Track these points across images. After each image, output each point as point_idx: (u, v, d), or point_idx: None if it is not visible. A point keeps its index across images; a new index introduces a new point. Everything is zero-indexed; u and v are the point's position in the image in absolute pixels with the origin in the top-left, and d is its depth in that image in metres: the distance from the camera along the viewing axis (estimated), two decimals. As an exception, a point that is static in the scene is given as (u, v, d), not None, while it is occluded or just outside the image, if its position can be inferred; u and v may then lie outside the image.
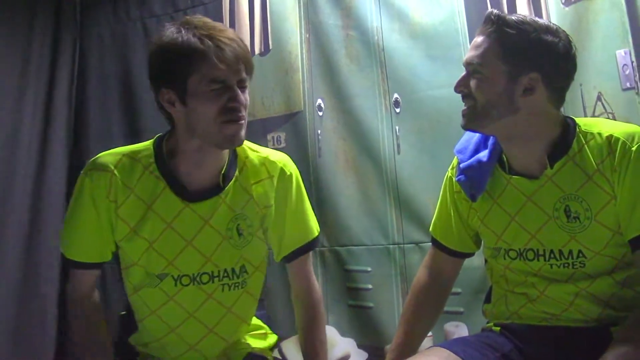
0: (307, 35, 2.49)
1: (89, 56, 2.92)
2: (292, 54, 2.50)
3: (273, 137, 2.49)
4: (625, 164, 1.23)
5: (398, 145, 2.27)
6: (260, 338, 1.56)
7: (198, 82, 1.25)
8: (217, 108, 1.27)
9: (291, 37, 2.51)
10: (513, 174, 1.35)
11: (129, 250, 1.38)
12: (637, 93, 1.92)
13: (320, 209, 2.35)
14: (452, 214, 1.50)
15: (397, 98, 2.29)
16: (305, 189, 2.38)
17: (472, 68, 1.30)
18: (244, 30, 2.62)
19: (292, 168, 1.48)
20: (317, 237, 1.53)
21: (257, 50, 2.59)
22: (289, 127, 2.47)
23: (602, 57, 1.98)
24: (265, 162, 1.44)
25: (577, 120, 1.34)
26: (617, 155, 1.24)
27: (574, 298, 1.30)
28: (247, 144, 1.43)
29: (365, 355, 2.20)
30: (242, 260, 1.42)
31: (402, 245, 2.22)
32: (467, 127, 1.34)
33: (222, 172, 1.38)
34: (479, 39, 1.30)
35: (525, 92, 1.26)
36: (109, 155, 1.38)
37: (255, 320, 1.57)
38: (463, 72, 2.12)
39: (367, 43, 2.36)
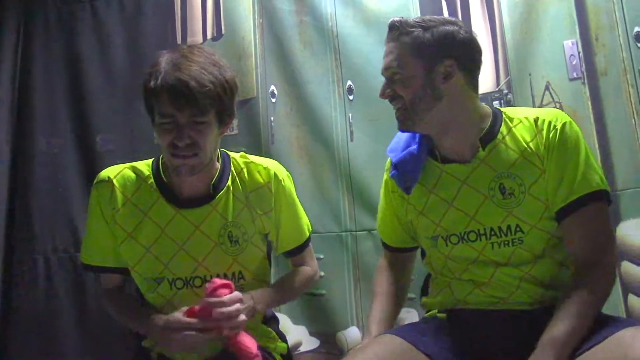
0: (261, 21, 2.47)
1: (34, 38, 2.80)
2: (245, 40, 2.48)
3: (226, 124, 2.45)
4: (552, 140, 1.33)
5: (351, 133, 2.28)
6: (268, 342, 1.57)
7: (156, 114, 1.36)
8: (166, 142, 1.36)
9: (244, 22, 2.49)
10: (445, 162, 1.42)
11: (126, 255, 1.49)
12: (583, 83, 1.98)
13: (273, 196, 2.36)
14: (392, 215, 1.56)
15: (350, 85, 2.29)
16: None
17: (391, 72, 1.39)
18: (196, 14, 2.58)
19: (284, 173, 1.55)
20: (309, 236, 1.63)
21: (209, 35, 2.55)
22: (242, 114, 2.43)
23: (550, 47, 2.04)
24: (260, 170, 1.52)
25: (501, 109, 1.44)
26: (544, 133, 1.34)
27: (520, 282, 1.34)
28: (243, 154, 1.54)
29: (317, 342, 2.21)
30: (236, 266, 1.49)
31: (354, 233, 2.23)
32: (403, 128, 1.42)
33: (212, 182, 1.47)
34: (389, 46, 1.41)
35: (445, 78, 1.35)
36: (111, 168, 1.51)
37: (265, 328, 1.59)
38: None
39: (320, 29, 2.35)
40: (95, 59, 2.69)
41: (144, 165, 1.51)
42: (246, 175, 1.51)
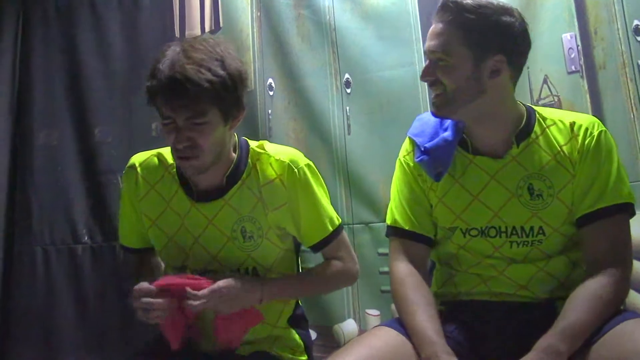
0: (258, 14, 2.46)
1: (33, 32, 2.81)
2: (243, 33, 2.47)
3: (223, 117, 2.46)
4: (587, 146, 1.30)
5: (348, 126, 2.27)
6: (287, 350, 1.50)
7: (160, 114, 1.33)
8: (169, 143, 1.35)
9: (242, 15, 2.48)
10: (476, 154, 1.37)
11: (154, 240, 1.51)
12: (581, 76, 1.96)
13: (271, 189, 2.35)
14: (409, 197, 1.45)
15: (348, 78, 2.29)
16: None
17: (437, 56, 1.30)
18: (194, 7, 2.58)
19: (301, 163, 1.45)
20: (337, 228, 1.50)
21: (207, 28, 2.55)
22: (239, 107, 2.44)
23: (548, 40, 2.01)
24: (272, 162, 1.44)
25: (534, 107, 1.40)
26: (580, 138, 1.31)
27: (530, 279, 1.33)
28: (261, 144, 1.47)
29: (314, 335, 2.18)
30: (250, 262, 1.46)
31: (351, 226, 2.23)
32: (439, 115, 1.35)
33: (227, 174, 1.43)
34: (438, 26, 1.30)
35: (492, 74, 1.28)
36: (140, 155, 1.52)
37: (292, 335, 1.52)
38: (413, 53, 2.17)
39: (318, 22, 2.35)
40: (93, 52, 2.70)
41: (170, 153, 1.47)
42: (261, 167, 1.45)
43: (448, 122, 1.41)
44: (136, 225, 1.52)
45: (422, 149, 1.41)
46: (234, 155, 1.44)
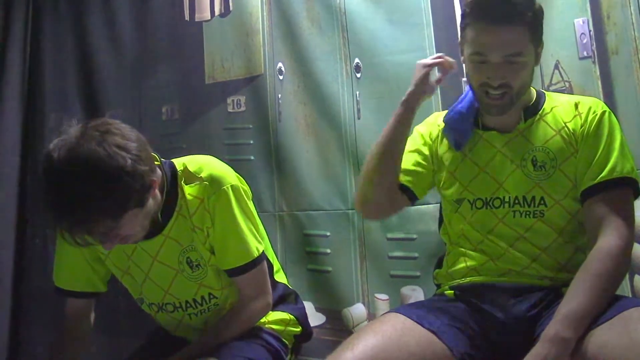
0: (268, -3, 2.45)
1: (43, 15, 2.81)
2: (253, 16, 2.46)
3: (233, 101, 2.46)
4: (590, 123, 1.37)
5: (358, 110, 2.26)
6: (279, 324, 1.56)
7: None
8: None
9: (252, -2, 2.46)
10: (485, 130, 1.46)
11: (111, 270, 1.51)
12: (593, 62, 1.95)
13: (280, 173, 2.37)
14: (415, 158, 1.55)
15: (358, 63, 2.28)
16: (265, 153, 2.39)
17: (511, 59, 1.32)
18: (204, -10, 2.56)
19: (223, 185, 1.41)
20: (252, 260, 1.44)
21: (217, 12, 2.53)
22: (249, 91, 2.44)
23: (560, 25, 2.00)
24: (195, 185, 1.41)
25: (544, 91, 1.49)
26: (583, 115, 1.38)
27: (534, 260, 1.36)
28: (184, 167, 1.43)
29: (323, 318, 2.22)
30: (203, 290, 1.48)
31: (361, 211, 2.23)
32: (503, 114, 1.40)
33: (160, 212, 1.38)
34: (505, 28, 1.31)
35: (537, 61, 1.40)
36: None
37: (277, 315, 1.57)
38: (423, 37, 2.15)
39: (328, 6, 2.33)
40: (104, 35, 2.69)
41: None
42: (189, 196, 1.41)
43: (464, 96, 1.50)
44: (80, 264, 1.49)
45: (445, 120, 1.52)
46: (161, 195, 1.38)
